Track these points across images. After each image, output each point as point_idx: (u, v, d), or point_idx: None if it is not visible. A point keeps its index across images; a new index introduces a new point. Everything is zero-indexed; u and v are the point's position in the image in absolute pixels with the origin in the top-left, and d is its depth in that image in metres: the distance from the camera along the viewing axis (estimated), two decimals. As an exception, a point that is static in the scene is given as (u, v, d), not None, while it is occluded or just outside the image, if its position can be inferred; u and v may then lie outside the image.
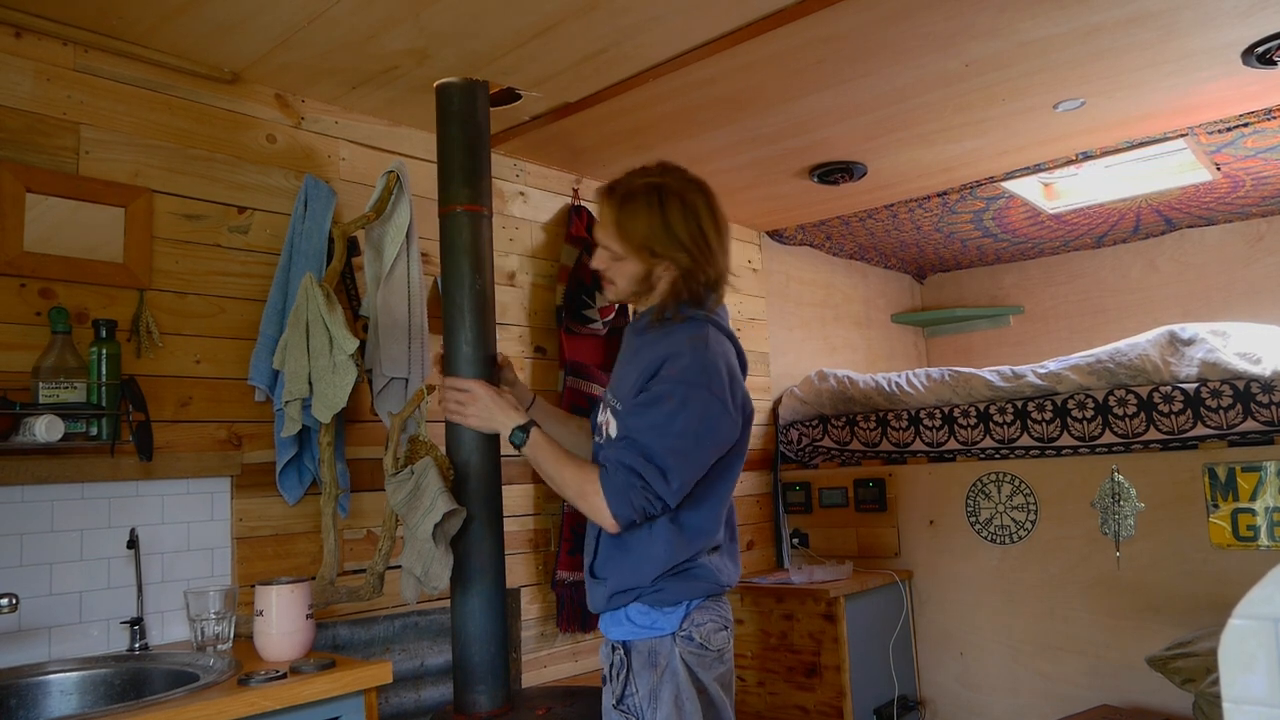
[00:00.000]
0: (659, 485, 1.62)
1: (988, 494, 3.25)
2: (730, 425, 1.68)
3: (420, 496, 1.90)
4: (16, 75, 1.95)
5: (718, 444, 1.68)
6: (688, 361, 1.66)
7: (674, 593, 1.70)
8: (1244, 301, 4.05)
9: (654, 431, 1.63)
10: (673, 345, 1.69)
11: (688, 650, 1.69)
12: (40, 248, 1.93)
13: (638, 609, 1.71)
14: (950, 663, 3.35)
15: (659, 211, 1.73)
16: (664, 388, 1.65)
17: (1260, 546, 2.65)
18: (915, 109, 2.68)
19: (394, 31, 2.07)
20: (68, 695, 1.74)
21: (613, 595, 1.72)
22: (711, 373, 1.66)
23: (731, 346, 1.76)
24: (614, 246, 1.76)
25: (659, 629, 1.70)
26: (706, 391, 1.64)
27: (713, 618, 1.73)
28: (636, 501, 1.62)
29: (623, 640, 1.72)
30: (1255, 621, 0.67)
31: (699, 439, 1.64)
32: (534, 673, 2.77)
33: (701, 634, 1.70)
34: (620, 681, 1.70)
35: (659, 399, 1.65)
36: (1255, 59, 2.40)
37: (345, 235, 2.20)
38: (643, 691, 1.67)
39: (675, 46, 2.20)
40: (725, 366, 1.69)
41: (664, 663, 1.68)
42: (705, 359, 1.66)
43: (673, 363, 1.67)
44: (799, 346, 4.16)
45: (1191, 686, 2.36)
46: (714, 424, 1.65)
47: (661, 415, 1.63)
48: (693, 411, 1.63)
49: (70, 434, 1.80)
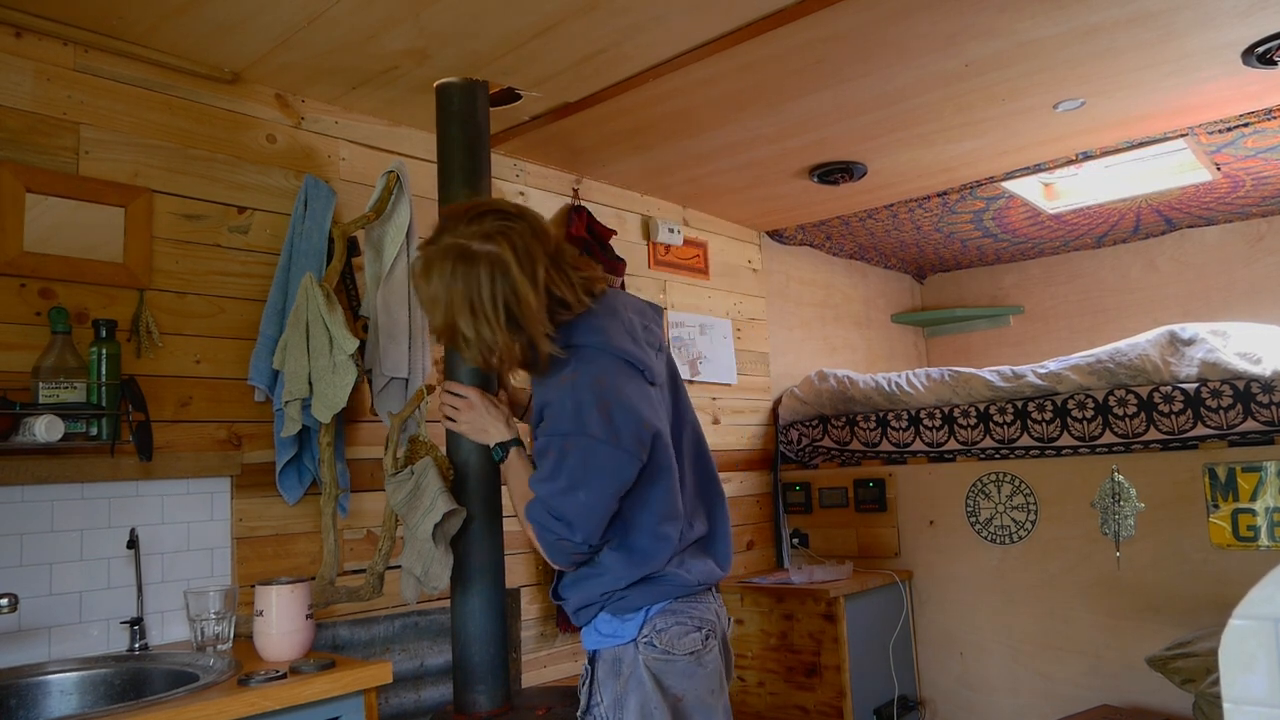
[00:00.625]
0: (571, 535, 1.60)
1: (988, 494, 3.25)
2: (620, 461, 1.57)
3: (420, 496, 1.90)
4: (16, 75, 1.95)
5: (615, 482, 1.59)
6: (557, 410, 1.60)
7: (634, 599, 1.65)
8: (1244, 301, 4.05)
9: (548, 486, 1.61)
10: (548, 391, 1.64)
11: (651, 657, 1.63)
12: (40, 248, 1.93)
13: (603, 619, 1.69)
14: (950, 663, 3.35)
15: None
16: (543, 441, 1.63)
17: (1260, 546, 2.65)
18: (915, 109, 2.68)
19: (394, 31, 2.07)
20: (68, 695, 1.74)
21: (576, 612, 1.71)
22: (585, 415, 1.57)
23: (611, 362, 1.62)
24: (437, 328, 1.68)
25: (620, 636, 1.66)
26: (584, 438, 1.57)
27: (678, 621, 1.65)
28: (564, 551, 1.62)
29: (591, 650, 1.71)
30: (1255, 621, 0.67)
31: (589, 485, 1.58)
32: (534, 673, 2.77)
33: (664, 639, 1.63)
34: (585, 691, 1.69)
35: (543, 453, 1.62)
36: (1255, 59, 2.40)
37: (345, 235, 2.20)
38: (607, 701, 1.64)
39: (675, 46, 2.20)
40: (598, 400, 1.57)
41: (627, 671, 1.63)
42: (578, 399, 1.57)
43: (549, 410, 1.63)
44: (799, 346, 4.16)
45: (1191, 686, 2.36)
46: (599, 466, 1.57)
47: (547, 470, 1.61)
48: (575, 460, 1.57)
49: (70, 434, 1.80)
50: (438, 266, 1.60)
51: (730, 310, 3.78)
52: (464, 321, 1.59)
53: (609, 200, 3.31)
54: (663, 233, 3.44)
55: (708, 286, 3.69)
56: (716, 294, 3.73)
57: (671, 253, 3.54)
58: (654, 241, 3.45)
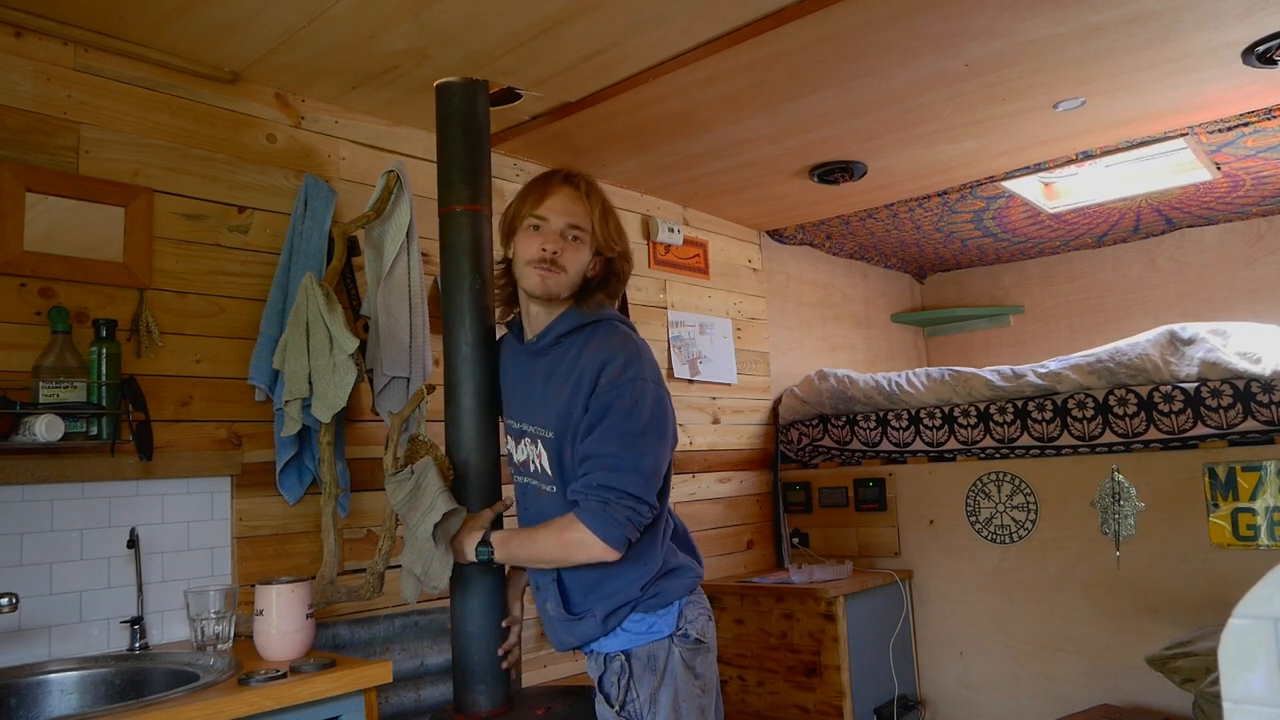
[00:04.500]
0: (634, 486, 1.59)
1: (988, 494, 3.25)
2: (673, 415, 1.72)
3: (420, 496, 1.90)
4: (17, 75, 1.95)
5: (671, 434, 1.69)
6: (623, 360, 1.66)
7: (667, 594, 1.70)
8: (1244, 301, 4.05)
9: (614, 439, 1.61)
10: (600, 354, 1.68)
11: (685, 648, 1.69)
12: (40, 247, 1.93)
13: (634, 618, 1.70)
14: (950, 663, 3.35)
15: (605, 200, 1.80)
16: (610, 396, 1.63)
17: (1260, 546, 2.65)
18: (915, 109, 2.68)
19: (394, 31, 2.07)
20: (68, 695, 1.74)
21: (607, 618, 1.71)
22: (650, 365, 1.69)
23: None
24: (589, 225, 1.75)
25: (656, 632, 1.70)
26: (653, 385, 1.66)
27: (701, 610, 1.75)
28: (620, 515, 1.60)
29: (622, 649, 1.72)
30: (1255, 621, 0.67)
31: (658, 432, 1.64)
32: (534, 673, 2.77)
33: (696, 629, 1.72)
34: (622, 689, 1.70)
35: (608, 409, 1.63)
36: (1255, 59, 2.40)
37: (345, 235, 2.20)
38: (643, 697, 1.67)
39: (675, 46, 2.20)
40: (653, 359, 1.73)
41: (663, 665, 1.68)
42: (637, 353, 1.69)
43: (610, 368, 1.65)
44: (799, 346, 4.16)
45: (1191, 686, 2.36)
46: (664, 415, 1.67)
47: (618, 419, 1.62)
48: (644, 407, 1.63)
49: (70, 434, 1.80)
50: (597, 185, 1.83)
51: (730, 310, 3.78)
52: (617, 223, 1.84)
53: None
54: (663, 232, 3.44)
55: (708, 286, 3.69)
56: (716, 294, 3.73)
57: (671, 252, 3.54)
58: (654, 241, 3.45)
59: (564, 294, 1.77)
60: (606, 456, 1.61)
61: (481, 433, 2.01)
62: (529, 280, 1.75)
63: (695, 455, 3.50)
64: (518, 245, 1.79)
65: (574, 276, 1.75)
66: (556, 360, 1.76)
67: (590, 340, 1.72)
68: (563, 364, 1.74)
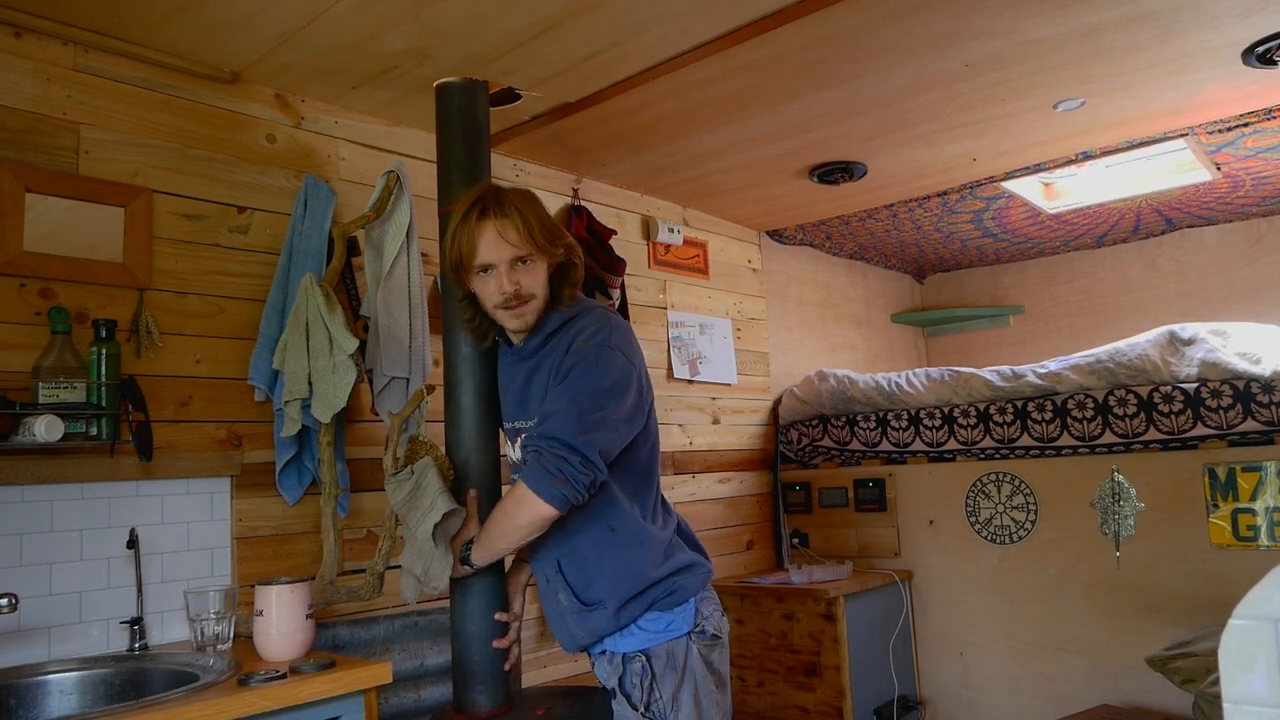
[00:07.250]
0: (569, 435, 1.58)
1: (988, 494, 3.25)
2: (643, 388, 1.70)
3: (420, 496, 1.90)
4: (16, 75, 1.95)
5: (635, 403, 1.67)
6: (592, 329, 1.69)
7: (684, 591, 1.72)
8: (1244, 301, 4.05)
9: (567, 395, 1.62)
10: (573, 330, 1.72)
11: (703, 644, 1.72)
12: (40, 247, 1.93)
13: (650, 617, 1.71)
14: (950, 663, 3.35)
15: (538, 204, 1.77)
16: (574, 359, 1.66)
17: (1260, 546, 2.65)
18: (915, 109, 2.68)
19: (394, 31, 2.07)
20: (67, 695, 1.74)
21: (619, 611, 1.71)
22: (620, 336, 1.69)
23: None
24: (529, 247, 1.70)
25: (674, 630, 1.71)
26: (620, 354, 1.66)
27: (715, 606, 1.78)
28: (550, 464, 1.58)
29: (641, 649, 1.72)
30: (1255, 621, 0.67)
31: (617, 395, 1.63)
32: (534, 673, 2.77)
33: (713, 625, 1.75)
34: (646, 690, 1.70)
35: (570, 370, 1.65)
36: (1255, 59, 2.40)
37: (345, 235, 2.19)
38: (665, 696, 1.68)
39: (675, 46, 2.20)
40: (631, 335, 1.74)
41: (683, 663, 1.70)
42: (608, 324, 1.70)
43: (579, 338, 1.69)
44: (799, 346, 4.16)
45: (1191, 686, 2.36)
46: (627, 382, 1.65)
47: (576, 378, 1.63)
48: (605, 370, 1.63)
49: (70, 434, 1.80)
50: (524, 192, 1.79)
51: (730, 310, 3.78)
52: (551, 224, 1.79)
53: (609, 200, 3.31)
54: (663, 232, 3.44)
55: (708, 286, 3.69)
56: (716, 294, 3.73)
57: (671, 252, 3.54)
58: (654, 241, 3.45)
59: (541, 311, 1.78)
60: (556, 413, 1.62)
61: (481, 433, 2.01)
62: (507, 323, 1.78)
63: (695, 455, 3.50)
64: (476, 290, 1.78)
65: (541, 294, 1.75)
66: (545, 356, 1.78)
67: (572, 326, 1.75)
68: (550, 357, 1.76)
